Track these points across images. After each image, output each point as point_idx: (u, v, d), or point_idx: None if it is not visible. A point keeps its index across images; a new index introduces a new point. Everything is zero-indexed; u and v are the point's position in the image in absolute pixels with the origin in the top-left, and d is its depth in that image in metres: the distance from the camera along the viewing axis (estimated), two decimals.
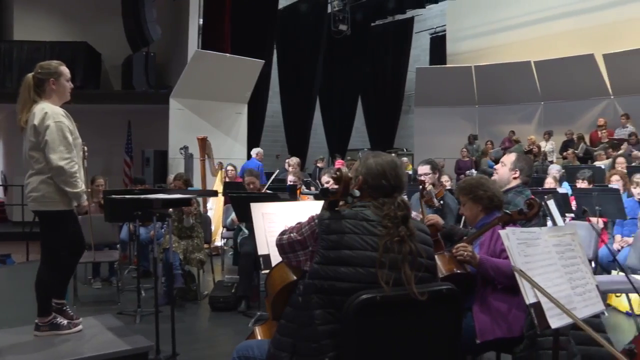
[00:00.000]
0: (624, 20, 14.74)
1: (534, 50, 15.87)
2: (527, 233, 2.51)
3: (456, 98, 16.78)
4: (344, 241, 2.25)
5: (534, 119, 16.31)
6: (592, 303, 2.62)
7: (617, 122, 14.11)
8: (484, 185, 3.44)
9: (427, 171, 5.19)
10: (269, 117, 17.29)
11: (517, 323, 3.09)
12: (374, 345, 2.23)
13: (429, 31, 20.90)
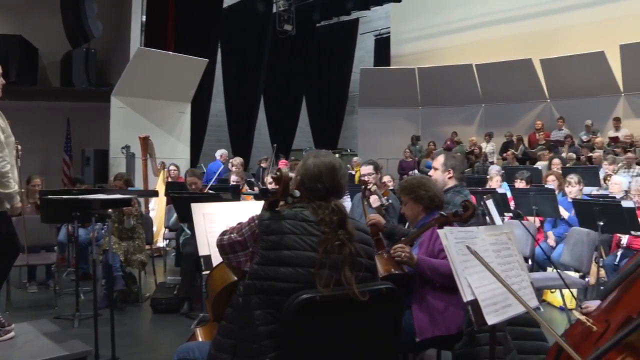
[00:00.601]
0: (561, 28, 15.27)
1: (475, 53, 16.23)
2: (465, 232, 2.56)
3: (400, 99, 16.98)
4: (284, 242, 2.25)
5: (475, 120, 16.69)
6: (527, 299, 2.68)
7: (554, 124, 14.60)
8: (425, 185, 3.48)
9: (370, 171, 5.25)
10: (213, 116, 17.12)
11: (455, 321, 3.15)
12: (315, 345, 2.24)
13: (373, 33, 21.10)
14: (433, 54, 17.82)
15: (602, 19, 14.53)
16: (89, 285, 6.13)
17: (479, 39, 16.75)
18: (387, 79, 17.09)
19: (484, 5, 16.85)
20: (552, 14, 15.52)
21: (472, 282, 2.41)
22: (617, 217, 5.52)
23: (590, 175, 9.31)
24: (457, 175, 4.16)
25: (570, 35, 14.90)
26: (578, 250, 5.58)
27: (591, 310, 2.68)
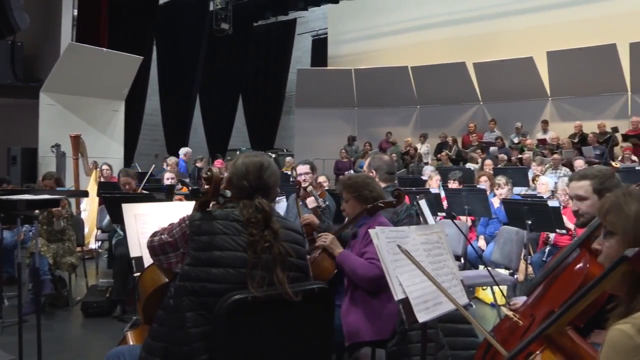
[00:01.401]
0: (493, 33, 15.72)
1: (411, 56, 16.49)
2: (396, 232, 2.60)
3: (336, 100, 17.09)
4: (215, 242, 2.23)
5: (411, 121, 16.96)
6: (458, 297, 2.75)
7: (486, 126, 15.01)
8: (370, 186, 3.48)
9: (306, 171, 5.24)
10: (148, 115, 16.76)
11: (387, 325, 3.18)
12: (248, 346, 2.22)
13: (311, 33, 21.14)
14: (369, 56, 18.00)
15: (531, 26, 15.06)
16: (14, 290, 5.89)
17: (415, 42, 17.04)
18: (323, 80, 17.17)
19: (420, 9, 17.16)
20: (486, 20, 15.95)
21: (403, 280, 2.45)
22: (544, 216, 5.72)
23: (520, 175, 9.61)
24: (382, 176, 4.18)
25: (502, 40, 15.38)
26: (508, 249, 5.74)
27: (518, 306, 2.76)
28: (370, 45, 18.35)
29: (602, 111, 13.95)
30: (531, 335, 1.62)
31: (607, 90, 13.88)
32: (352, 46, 18.93)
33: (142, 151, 15.90)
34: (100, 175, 9.57)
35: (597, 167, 2.96)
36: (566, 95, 14.55)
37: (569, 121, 13.99)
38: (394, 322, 3.16)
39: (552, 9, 14.94)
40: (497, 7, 15.85)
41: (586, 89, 13.94)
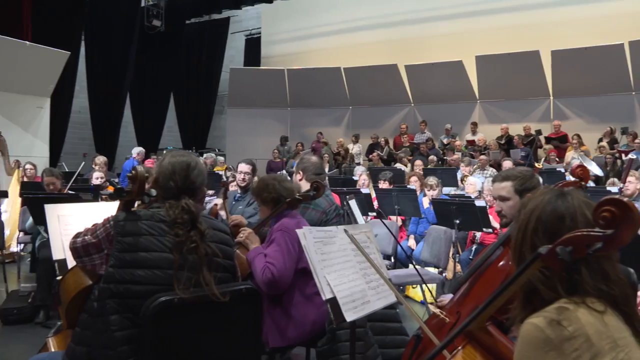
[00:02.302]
0: (424, 37, 16.03)
1: (344, 57, 16.61)
2: (324, 232, 2.61)
3: (269, 100, 17.04)
4: (140, 243, 2.18)
5: (343, 122, 17.10)
6: (385, 296, 2.79)
7: (417, 128, 15.30)
8: (269, 187, 3.45)
9: (247, 170, 5.20)
10: (75, 113, 16.26)
11: (294, 330, 3.20)
12: (174, 349, 2.19)
13: (244, 33, 20.99)
14: (303, 56, 18.04)
15: (461, 31, 15.44)
16: None
17: (348, 43, 17.16)
18: (256, 80, 17.09)
19: (353, 11, 17.30)
20: (417, 23, 16.26)
21: (331, 280, 2.47)
22: (471, 215, 5.87)
23: (449, 176, 9.83)
24: (309, 177, 4.16)
25: (433, 44, 15.70)
26: (436, 248, 5.89)
27: (445, 303, 2.82)
28: (303, 45, 18.39)
29: (527, 114, 14.46)
30: (453, 332, 1.66)
31: (531, 95, 14.41)
32: (286, 46, 18.92)
33: (70, 150, 15.42)
34: (23, 174, 9.21)
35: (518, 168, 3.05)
36: (494, 99, 15.01)
37: (496, 123, 14.43)
38: (304, 329, 3.18)
39: (480, 15, 15.38)
40: (428, 11, 16.17)
41: (512, 92, 14.43)
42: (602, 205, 1.42)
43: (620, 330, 1.47)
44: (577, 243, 1.44)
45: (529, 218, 1.62)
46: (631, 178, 7.35)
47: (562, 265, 1.45)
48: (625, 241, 1.42)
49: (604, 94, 13.47)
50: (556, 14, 14.38)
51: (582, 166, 2.88)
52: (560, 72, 13.62)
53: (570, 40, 13.39)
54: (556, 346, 1.41)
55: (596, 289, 1.49)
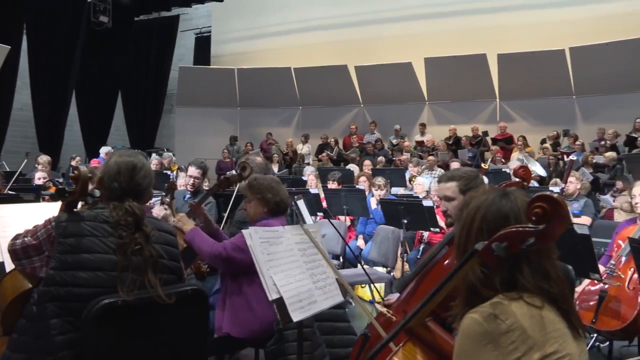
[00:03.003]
0: (374, 38, 16.15)
1: (294, 57, 16.58)
2: (270, 232, 2.61)
3: (218, 99, 16.88)
4: (83, 244, 2.14)
5: (293, 122, 17.09)
6: (332, 295, 2.81)
7: (367, 128, 15.41)
8: (274, 189, 3.44)
9: (196, 175, 5.05)
10: (17, 110, 15.76)
11: (255, 323, 3.19)
12: (118, 353, 2.16)
13: (194, 31, 20.75)
14: (253, 56, 17.93)
15: (411, 33, 15.63)
16: None
17: (298, 44, 17.15)
18: (206, 79, 16.91)
19: (304, 11, 17.31)
20: (368, 25, 16.35)
21: (277, 280, 2.47)
22: (419, 215, 5.95)
23: (398, 176, 9.93)
24: None
25: (383, 45, 15.84)
26: (385, 247, 5.95)
27: (392, 302, 2.86)
28: (253, 45, 18.28)
29: (474, 116, 14.76)
30: (394, 329, 1.68)
31: (478, 97, 14.72)
32: (236, 45, 18.78)
33: (11, 149, 14.96)
34: None
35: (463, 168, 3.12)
36: (442, 100, 15.27)
37: (444, 124, 14.67)
38: (266, 322, 3.18)
39: (430, 18, 15.59)
40: (378, 13, 16.30)
41: (460, 94, 14.68)
42: (534, 202, 1.47)
43: (555, 322, 1.53)
44: (511, 239, 1.49)
45: (474, 217, 1.66)
46: (572, 178, 7.57)
47: (498, 261, 1.50)
48: (556, 235, 1.47)
49: (547, 97, 13.86)
50: (502, 19, 14.72)
51: (524, 167, 2.96)
52: (506, 75, 13.94)
53: (516, 44, 13.73)
54: (494, 339, 1.46)
55: (536, 287, 1.54)
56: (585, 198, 7.62)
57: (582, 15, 13.79)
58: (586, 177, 9.59)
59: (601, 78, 12.89)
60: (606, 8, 13.61)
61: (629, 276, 4.07)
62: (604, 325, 4.03)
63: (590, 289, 4.30)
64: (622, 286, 4.10)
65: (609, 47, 12.42)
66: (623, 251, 4.25)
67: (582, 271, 3.99)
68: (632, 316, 3.89)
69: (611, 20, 13.31)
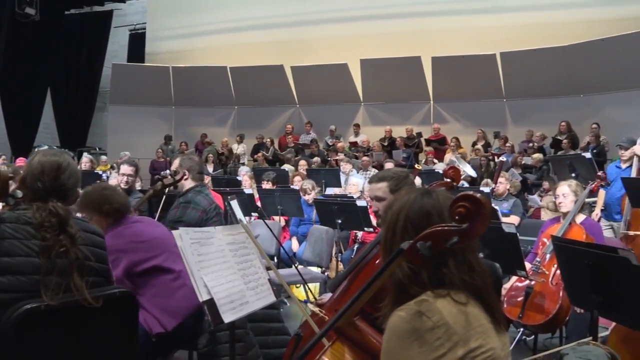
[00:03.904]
0: (311, 39, 16.19)
1: (230, 56, 16.44)
2: (201, 233, 2.58)
3: (153, 98, 16.57)
4: (3, 247, 2.05)
5: (228, 122, 16.95)
6: (264, 296, 2.79)
7: (302, 128, 15.45)
8: (109, 198, 3.23)
9: (130, 172, 4.96)
10: None
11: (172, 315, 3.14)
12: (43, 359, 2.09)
13: (128, 27, 20.25)
14: (188, 54, 17.67)
15: (347, 34, 15.71)
16: None
17: (235, 43, 17.00)
18: (140, 76, 16.56)
19: (241, 10, 17.16)
20: (304, 25, 16.37)
21: (208, 281, 2.44)
22: (353, 215, 5.99)
23: (333, 177, 9.98)
24: (194, 176, 4.18)
25: (319, 46, 15.90)
26: (319, 247, 5.98)
27: (325, 301, 2.87)
28: (189, 43, 18.01)
29: (409, 117, 15.00)
30: (323, 329, 1.69)
31: (413, 99, 14.99)
32: (171, 43, 18.44)
33: None
34: None
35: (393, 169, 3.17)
36: (377, 101, 15.46)
37: (380, 125, 14.84)
38: (179, 318, 3.12)
39: (366, 20, 15.71)
40: (315, 13, 16.33)
41: (395, 96, 14.89)
42: (457, 202, 1.51)
43: (479, 318, 1.57)
44: (435, 238, 1.52)
45: (397, 217, 1.69)
46: (501, 179, 7.81)
47: (424, 260, 1.53)
48: (478, 234, 1.52)
49: (479, 100, 14.25)
50: (437, 23, 15.01)
51: (453, 168, 3.03)
52: (440, 77, 14.24)
53: (449, 48, 14.06)
54: (420, 336, 1.49)
55: (461, 280, 1.58)
56: (514, 198, 7.88)
57: (513, 22, 14.20)
58: (515, 177, 9.90)
59: (530, 82, 13.37)
60: (535, 16, 14.08)
61: (553, 272, 4.24)
62: (530, 320, 4.19)
63: (517, 285, 4.46)
64: (546, 282, 4.28)
65: (537, 53, 12.88)
66: (547, 249, 4.42)
67: (510, 268, 4.14)
68: (555, 310, 4.08)
69: (539, 28, 13.77)
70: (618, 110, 12.21)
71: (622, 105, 12.10)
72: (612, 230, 6.84)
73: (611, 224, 6.90)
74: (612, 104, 12.45)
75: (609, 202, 6.93)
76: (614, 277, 2.89)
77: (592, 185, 5.34)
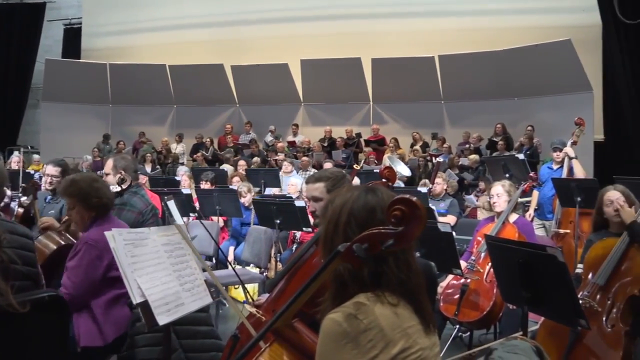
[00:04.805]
0: (251, 38, 16.11)
1: (169, 54, 16.17)
2: (135, 234, 2.53)
3: (89, 95, 16.15)
4: None
5: (167, 121, 16.68)
6: (200, 297, 2.76)
7: (242, 128, 15.36)
8: (100, 192, 3.23)
9: (55, 173, 4.72)
10: None
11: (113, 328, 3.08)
12: None
13: (63, 21, 19.60)
14: (127, 51, 17.29)
15: (288, 34, 15.72)
16: None
17: (174, 41, 16.73)
18: (76, 73, 16.10)
19: (181, 8, 16.90)
20: (245, 24, 16.26)
21: (142, 283, 2.39)
22: (291, 215, 5.99)
23: (272, 177, 9.95)
24: (132, 175, 4.09)
25: (260, 45, 15.84)
26: (257, 247, 5.97)
27: (262, 302, 2.86)
28: (127, 40, 17.60)
29: (348, 118, 15.13)
30: (260, 332, 1.68)
31: (353, 99, 15.12)
32: (109, 39, 17.97)
33: None
34: None
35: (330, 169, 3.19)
36: (317, 102, 15.52)
37: (320, 126, 14.90)
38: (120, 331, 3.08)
39: (307, 21, 15.75)
40: (256, 13, 16.21)
41: (335, 96, 14.99)
42: (393, 205, 1.52)
43: (409, 319, 1.60)
44: (372, 240, 1.53)
45: (340, 212, 1.69)
46: (439, 180, 7.96)
47: (360, 262, 1.54)
48: (414, 237, 1.54)
49: (418, 102, 14.50)
50: (377, 25, 15.20)
51: (389, 168, 3.07)
52: (380, 79, 14.40)
53: (389, 50, 14.24)
54: (353, 338, 1.50)
55: (398, 280, 1.60)
56: (451, 198, 8.03)
57: (451, 26, 14.51)
58: (452, 178, 10.11)
59: (467, 85, 13.70)
60: (473, 21, 14.44)
61: (487, 270, 4.35)
62: (465, 317, 4.30)
63: (453, 283, 4.56)
64: (480, 280, 4.39)
65: (474, 57, 13.22)
66: (482, 247, 4.53)
67: (446, 267, 4.23)
68: (489, 307, 4.20)
69: (477, 32, 14.12)
70: (549, 113, 12.62)
71: (553, 108, 12.51)
72: (544, 229, 7.09)
73: (543, 223, 7.15)
74: (544, 107, 12.88)
75: (541, 201, 7.18)
76: (542, 274, 3.00)
77: (525, 185, 5.49)
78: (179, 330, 3.13)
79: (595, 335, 3.25)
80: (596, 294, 3.43)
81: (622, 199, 3.76)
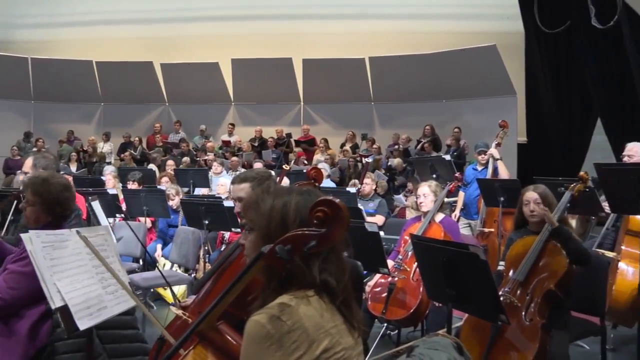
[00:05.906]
0: (182, 36, 15.89)
1: (97, 50, 15.69)
2: (54, 235, 2.44)
3: (8, 90, 15.35)
4: None
5: (94, 119, 16.20)
6: (124, 300, 2.70)
7: (172, 127, 15.12)
8: (64, 204, 3.06)
9: None
10: None
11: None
12: None
13: None
14: (51, 45, 16.62)
15: (219, 33, 15.59)
16: None
17: (102, 37, 16.24)
18: None
19: (109, 3, 16.39)
20: (175, 22, 16.00)
21: (61, 287, 2.31)
22: (220, 215, 5.95)
23: (201, 177, 9.85)
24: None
25: (191, 44, 15.65)
26: (185, 248, 5.90)
27: (189, 304, 2.82)
28: (52, 34, 16.93)
29: (279, 118, 15.16)
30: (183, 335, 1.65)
31: (284, 100, 15.17)
32: (31, 32, 17.20)
33: None
34: None
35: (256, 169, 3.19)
36: (248, 101, 15.47)
37: (250, 126, 14.84)
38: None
39: (239, 20, 15.66)
40: (187, 11, 15.96)
41: (266, 96, 15.00)
42: (316, 206, 1.53)
43: (333, 319, 1.61)
44: (295, 242, 1.54)
45: (287, 211, 1.66)
46: (367, 180, 8.07)
47: (283, 264, 1.54)
48: (336, 238, 1.55)
49: (348, 103, 14.64)
50: (308, 26, 15.28)
51: (315, 168, 3.09)
52: (311, 79, 14.49)
53: (320, 51, 14.36)
54: (277, 340, 1.50)
55: (324, 280, 1.61)
56: (380, 198, 8.15)
57: (382, 29, 14.75)
58: (381, 178, 10.25)
59: (396, 87, 13.94)
60: (402, 24, 14.73)
61: (414, 269, 4.45)
62: (393, 315, 4.38)
63: (381, 282, 4.64)
64: (407, 278, 4.48)
65: (403, 59, 13.47)
66: (409, 247, 4.63)
67: (373, 266, 4.29)
68: (416, 305, 4.31)
69: (406, 35, 14.40)
70: (476, 116, 13.01)
71: (479, 111, 12.89)
72: (469, 228, 7.31)
73: (469, 222, 7.37)
74: (470, 110, 13.27)
75: (467, 202, 7.39)
76: (465, 272, 3.09)
77: (450, 185, 5.62)
78: (103, 335, 3.04)
79: (515, 329, 3.36)
80: (516, 290, 3.55)
81: (538, 199, 3.87)
